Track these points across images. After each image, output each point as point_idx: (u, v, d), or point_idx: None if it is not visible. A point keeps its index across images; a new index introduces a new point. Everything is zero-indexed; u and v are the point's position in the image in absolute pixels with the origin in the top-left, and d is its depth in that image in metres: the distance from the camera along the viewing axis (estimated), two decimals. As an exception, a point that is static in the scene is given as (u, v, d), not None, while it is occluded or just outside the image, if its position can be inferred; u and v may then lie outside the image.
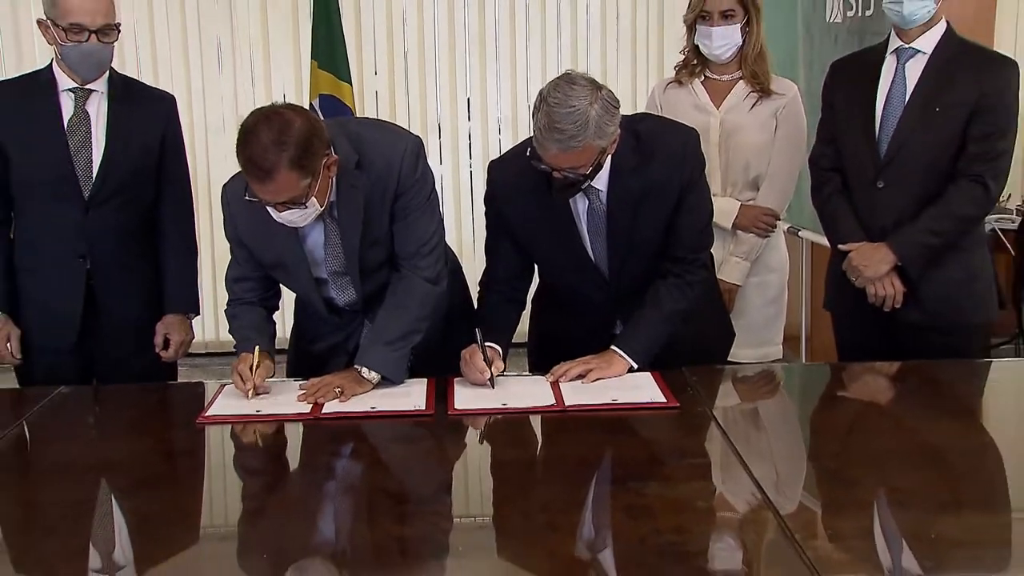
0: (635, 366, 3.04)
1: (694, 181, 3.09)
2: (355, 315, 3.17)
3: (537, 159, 2.86)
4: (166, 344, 3.61)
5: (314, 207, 2.82)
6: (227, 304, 3.21)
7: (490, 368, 2.97)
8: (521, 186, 3.06)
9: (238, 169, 2.81)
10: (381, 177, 2.97)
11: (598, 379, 2.99)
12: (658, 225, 3.08)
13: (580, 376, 3.00)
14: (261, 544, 2.21)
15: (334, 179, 2.89)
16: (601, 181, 3.00)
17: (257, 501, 2.51)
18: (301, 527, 2.23)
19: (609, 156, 2.94)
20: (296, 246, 3.02)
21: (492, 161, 3.28)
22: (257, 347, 2.98)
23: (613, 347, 3.07)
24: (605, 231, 3.09)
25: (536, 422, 2.78)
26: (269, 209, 2.81)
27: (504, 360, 3.09)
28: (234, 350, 3.10)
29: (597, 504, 2.32)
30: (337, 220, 2.99)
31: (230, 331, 3.16)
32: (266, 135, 2.67)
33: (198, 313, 3.73)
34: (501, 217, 3.19)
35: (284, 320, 3.32)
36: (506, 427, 2.79)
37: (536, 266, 3.28)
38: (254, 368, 2.94)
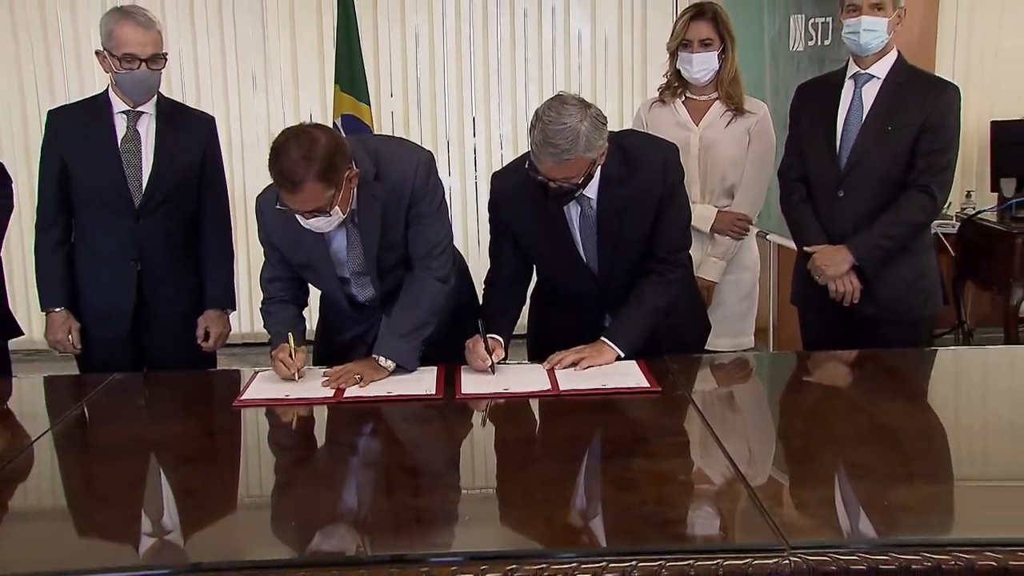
0: (622, 355, 3.04)
1: (674, 190, 3.11)
2: (374, 310, 3.17)
3: (535, 171, 2.87)
4: (206, 336, 3.63)
5: (337, 215, 2.83)
6: (263, 303, 3.21)
7: (491, 356, 2.98)
8: (521, 195, 3.06)
9: (270, 182, 2.82)
10: (397, 188, 2.98)
11: (589, 366, 2.99)
12: (642, 229, 3.09)
13: (573, 364, 3.00)
14: (291, 513, 2.21)
15: (355, 190, 2.89)
16: (592, 190, 3.00)
17: (287, 475, 2.52)
18: (326, 498, 2.24)
19: (599, 168, 2.95)
20: (322, 249, 3.03)
21: (495, 173, 3.29)
22: (291, 335, 3.00)
23: (603, 338, 3.08)
24: (596, 235, 3.09)
25: (534, 405, 2.78)
26: (298, 217, 2.82)
27: (506, 350, 3.10)
28: (268, 343, 3.11)
29: (588, 478, 2.32)
30: (358, 226, 3.00)
31: (265, 327, 3.18)
32: (295, 151, 2.68)
33: (235, 309, 3.74)
34: (503, 223, 3.20)
35: (311, 315, 3.33)
36: (507, 409, 2.79)
37: (535, 266, 3.28)
38: (293, 354, 2.95)
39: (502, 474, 2.42)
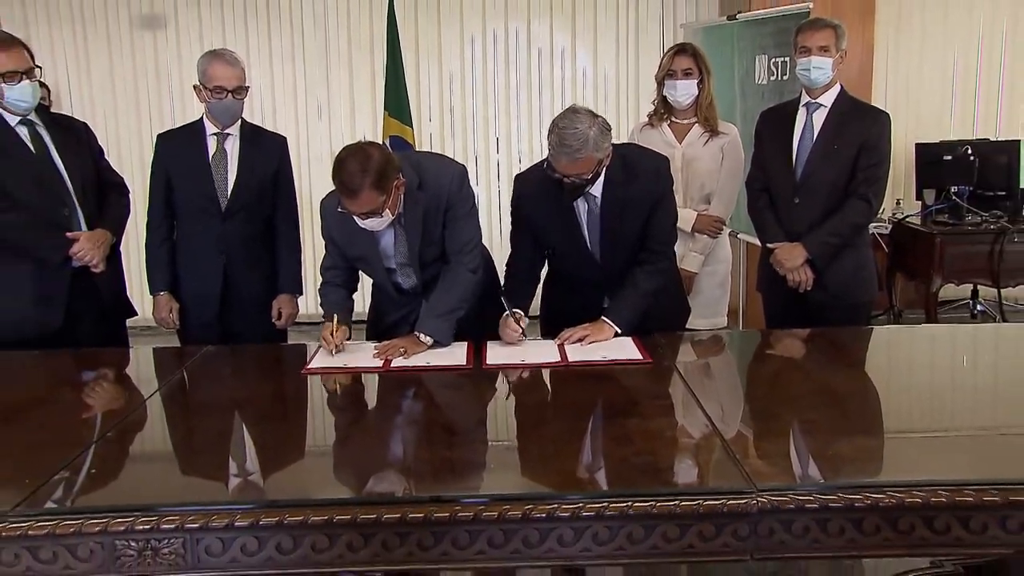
0: (619, 331, 3.02)
1: (665, 194, 3.10)
2: (415, 296, 3.15)
3: (552, 170, 2.89)
4: (279, 316, 3.62)
5: (388, 217, 2.82)
6: (320, 285, 3.20)
7: (521, 327, 2.99)
8: (539, 194, 3.06)
9: (332, 188, 2.82)
10: (436, 195, 2.96)
11: (592, 342, 2.96)
12: (637, 224, 3.07)
13: (580, 340, 2.98)
14: (348, 460, 2.22)
15: (402, 196, 2.88)
16: (597, 189, 3.00)
17: (345, 430, 2.51)
18: (377, 449, 2.24)
19: (604, 169, 2.94)
20: (374, 244, 3.02)
21: (517, 175, 3.27)
22: (336, 316, 2.99)
23: (603, 317, 3.05)
24: (599, 228, 3.08)
25: (547, 374, 2.75)
26: (355, 218, 2.81)
27: (525, 318, 3.08)
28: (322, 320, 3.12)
29: (592, 434, 2.31)
30: (404, 226, 2.98)
31: (320, 305, 3.16)
32: (353, 164, 2.68)
33: (302, 293, 3.73)
34: (523, 217, 3.18)
35: (363, 300, 3.33)
36: (525, 378, 2.76)
37: (548, 254, 3.24)
38: (333, 332, 2.94)
39: (521, 431, 2.41)
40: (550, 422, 2.44)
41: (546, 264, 3.30)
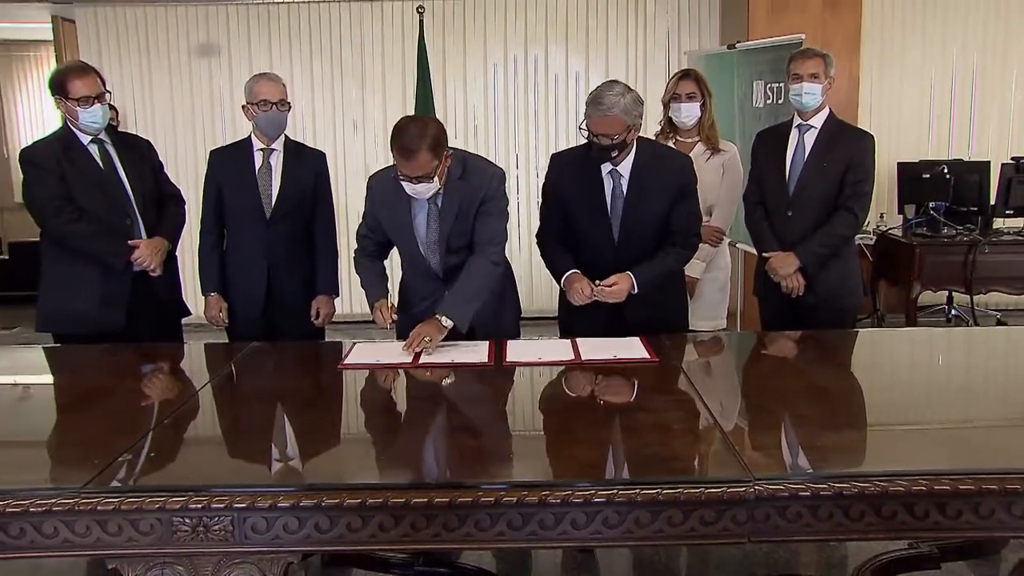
0: (635, 290, 3.03)
1: (687, 185, 3.12)
2: (440, 284, 3.11)
3: (587, 130, 2.97)
4: (317, 315, 3.61)
5: (435, 185, 2.87)
6: (355, 252, 3.22)
7: (591, 286, 3.03)
8: (572, 170, 3.14)
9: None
10: (475, 189, 2.98)
11: (612, 285, 3.00)
12: (656, 209, 3.08)
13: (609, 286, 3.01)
14: (380, 449, 2.21)
15: (447, 174, 2.91)
16: (626, 168, 3.04)
17: (377, 420, 2.51)
18: (406, 438, 2.23)
19: (633, 144, 3.00)
20: (409, 220, 3.04)
21: (554, 154, 3.32)
22: (388, 295, 3.06)
23: (628, 272, 3.04)
24: (622, 206, 3.09)
25: (562, 371, 2.72)
26: (405, 185, 2.85)
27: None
28: (362, 288, 3.16)
29: (603, 426, 2.28)
30: (439, 208, 2.99)
31: (357, 272, 3.19)
32: (412, 129, 2.77)
33: (338, 295, 3.71)
34: (556, 192, 3.21)
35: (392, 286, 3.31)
36: (542, 373, 2.74)
37: (572, 225, 3.23)
38: (389, 308, 3.00)
39: (538, 423, 2.39)
40: (564, 415, 2.43)
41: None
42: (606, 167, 3.08)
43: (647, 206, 3.07)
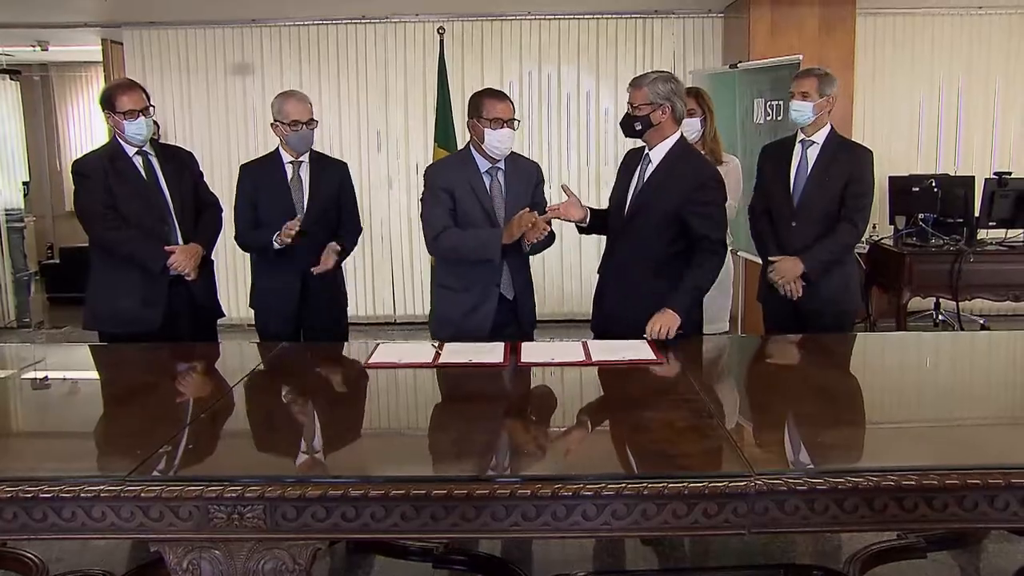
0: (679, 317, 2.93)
1: (712, 188, 3.04)
2: (495, 272, 3.16)
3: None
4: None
5: (514, 131, 3.12)
6: (442, 228, 3.12)
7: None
8: (631, 158, 3.22)
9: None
10: (529, 172, 3.26)
11: (669, 327, 2.89)
12: (660, 209, 3.03)
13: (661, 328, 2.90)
14: (403, 443, 2.21)
15: (505, 160, 3.16)
16: (657, 155, 3.06)
17: (399, 415, 2.52)
18: (427, 434, 2.25)
19: (660, 126, 3.02)
20: (474, 189, 3.14)
21: (630, 150, 3.29)
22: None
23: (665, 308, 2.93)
24: (639, 192, 3.09)
25: (574, 371, 2.72)
26: (495, 134, 3.07)
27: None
28: (478, 242, 3.11)
29: (612, 423, 2.29)
30: (505, 174, 3.18)
31: (456, 244, 3.12)
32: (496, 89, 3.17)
33: (348, 253, 3.71)
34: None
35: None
36: (555, 373, 2.73)
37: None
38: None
39: (551, 420, 2.37)
40: (576, 413, 2.42)
41: (599, 278, 3.30)
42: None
43: (655, 200, 3.04)
